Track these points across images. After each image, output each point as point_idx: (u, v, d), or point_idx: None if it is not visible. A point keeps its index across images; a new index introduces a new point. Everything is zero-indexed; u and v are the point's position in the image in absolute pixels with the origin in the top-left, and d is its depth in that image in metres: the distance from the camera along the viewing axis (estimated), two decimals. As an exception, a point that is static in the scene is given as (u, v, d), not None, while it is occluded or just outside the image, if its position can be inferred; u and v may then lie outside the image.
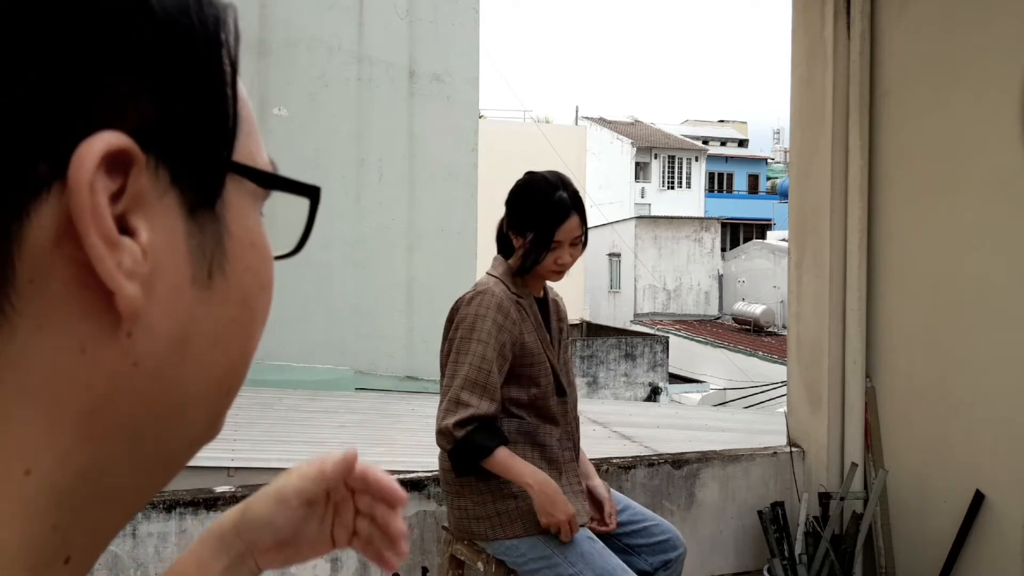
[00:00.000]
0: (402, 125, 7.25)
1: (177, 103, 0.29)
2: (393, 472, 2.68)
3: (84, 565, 0.31)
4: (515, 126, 22.82)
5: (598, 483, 2.12)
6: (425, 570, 2.53)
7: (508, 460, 1.96)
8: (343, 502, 0.68)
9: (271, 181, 0.35)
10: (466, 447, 1.94)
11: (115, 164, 0.27)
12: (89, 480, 0.30)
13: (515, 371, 1.99)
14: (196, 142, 0.30)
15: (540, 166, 2.14)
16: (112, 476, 0.31)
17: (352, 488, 0.68)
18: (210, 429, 0.35)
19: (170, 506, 2.33)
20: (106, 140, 0.27)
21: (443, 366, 2.00)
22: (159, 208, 0.29)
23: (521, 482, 1.91)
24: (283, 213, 0.49)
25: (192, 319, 0.31)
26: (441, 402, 1.96)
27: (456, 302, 2.02)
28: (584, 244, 2.04)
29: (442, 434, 1.94)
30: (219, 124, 0.32)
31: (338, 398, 5.75)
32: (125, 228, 0.28)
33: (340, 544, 0.68)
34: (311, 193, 0.36)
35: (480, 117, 9.97)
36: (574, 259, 2.02)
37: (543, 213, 1.97)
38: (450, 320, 2.03)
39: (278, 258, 0.37)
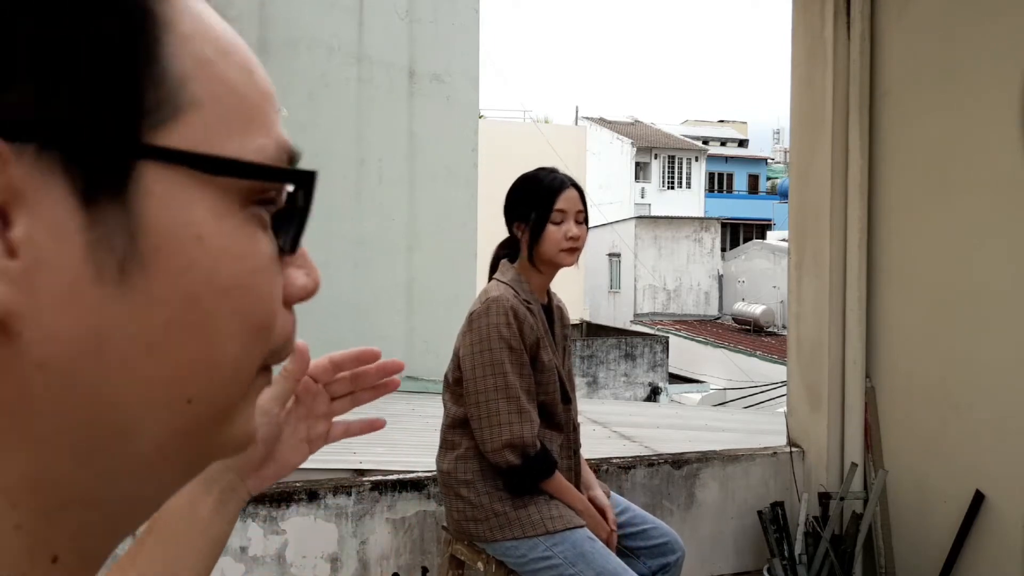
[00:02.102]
0: (402, 125, 7.24)
1: (60, 84, 0.27)
2: (393, 472, 2.69)
3: (81, 566, 0.31)
4: (515, 126, 22.82)
5: (599, 493, 2.12)
6: (425, 570, 2.53)
7: (564, 481, 2.00)
8: (315, 399, 0.69)
9: (227, 168, 0.30)
10: (540, 463, 1.93)
11: None
12: (44, 485, 0.29)
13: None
14: (90, 126, 0.27)
15: (540, 166, 2.15)
16: (74, 484, 0.30)
17: (320, 381, 0.69)
18: (200, 441, 0.33)
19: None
20: None
21: (466, 380, 1.97)
22: (44, 199, 0.27)
23: (573, 504, 1.98)
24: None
25: (104, 320, 0.28)
26: (494, 414, 1.91)
27: (470, 315, 2.01)
28: (586, 225, 2.05)
29: (512, 447, 1.90)
30: (125, 104, 0.28)
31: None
32: (6, 221, 0.26)
33: (316, 446, 0.69)
34: (298, 179, 0.33)
35: (480, 117, 9.97)
36: (582, 235, 2.02)
37: (542, 188, 2.01)
38: (467, 333, 1.99)
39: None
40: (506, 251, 2.10)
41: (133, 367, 0.29)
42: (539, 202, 1.99)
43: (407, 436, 4.28)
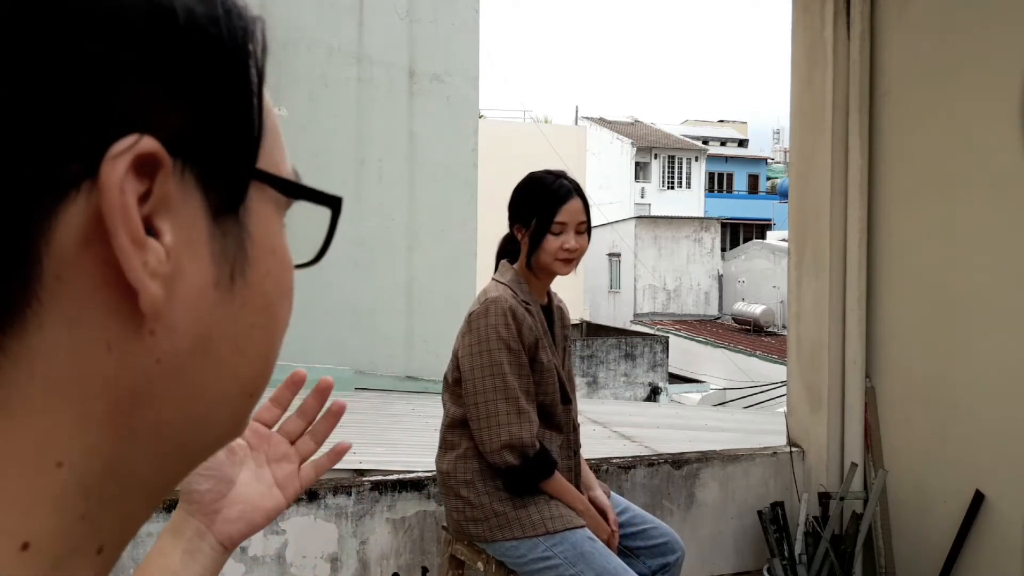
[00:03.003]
0: (402, 125, 7.24)
1: (204, 111, 0.31)
2: (393, 472, 2.69)
3: (114, 555, 0.33)
4: (515, 126, 22.82)
5: (599, 494, 2.12)
6: (425, 570, 2.53)
7: (564, 482, 1.99)
8: (269, 442, 0.71)
9: (294, 190, 0.36)
10: (539, 463, 1.94)
11: (143, 167, 0.28)
12: (116, 474, 0.31)
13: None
14: (222, 149, 0.32)
15: (540, 166, 2.15)
16: (138, 471, 0.32)
17: (268, 423, 0.72)
18: (234, 429, 0.37)
19: (170, 506, 2.33)
20: (137, 143, 0.28)
21: (465, 381, 1.97)
22: (183, 211, 0.30)
23: (573, 505, 1.98)
24: (300, 222, 0.49)
25: (214, 321, 0.32)
26: (493, 415, 1.91)
27: (468, 315, 2.01)
28: (588, 236, 2.04)
29: (511, 448, 1.90)
30: (245, 132, 0.33)
31: (338, 398, 5.73)
32: (150, 229, 0.29)
33: (290, 491, 0.71)
34: (333, 203, 0.37)
35: (480, 117, 9.96)
36: (581, 247, 2.01)
37: (545, 195, 1.99)
38: (466, 334, 1.99)
39: (298, 267, 0.38)
40: (511, 244, 2.10)
41: (225, 364, 0.33)
42: (541, 211, 1.98)
43: (407, 436, 4.28)
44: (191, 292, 0.31)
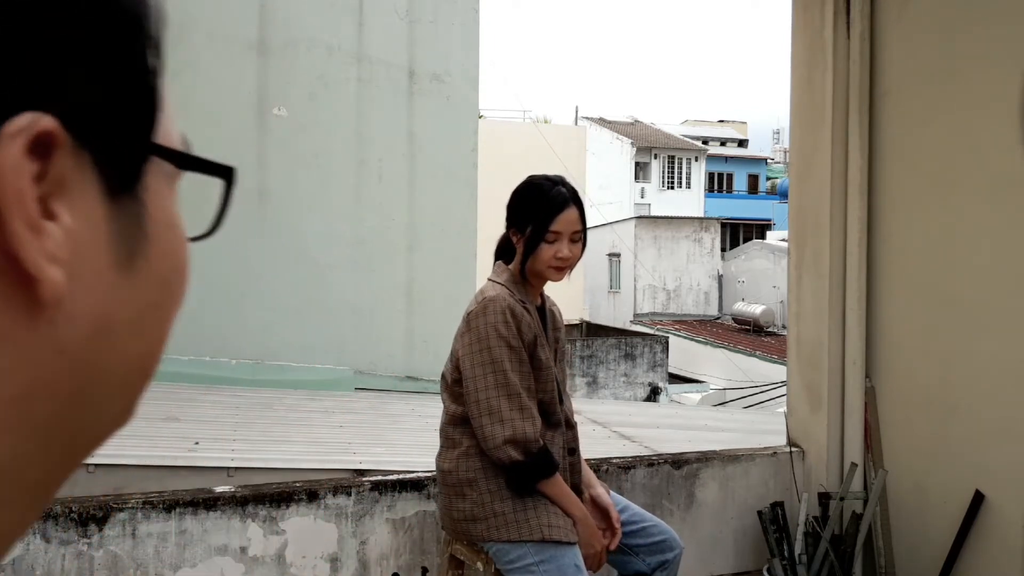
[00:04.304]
0: (402, 125, 7.23)
1: (99, 86, 0.29)
2: (393, 472, 2.69)
3: None
4: (515, 126, 22.82)
5: (601, 491, 2.13)
6: (425, 570, 2.53)
7: (563, 486, 1.99)
8: None
9: (188, 162, 0.34)
10: (542, 461, 1.93)
11: (38, 146, 0.26)
12: (6, 477, 0.28)
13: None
14: (119, 126, 0.30)
15: (539, 166, 2.16)
16: (29, 471, 0.29)
17: None
18: (127, 414, 0.34)
19: (170, 506, 2.33)
20: (33, 122, 0.26)
21: (466, 379, 1.97)
22: (80, 191, 0.28)
23: (570, 510, 1.96)
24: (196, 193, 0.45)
25: (114, 305, 0.30)
26: (495, 411, 1.91)
27: (467, 315, 2.01)
28: (584, 244, 2.04)
29: (515, 443, 1.90)
30: (142, 108, 0.31)
31: (338, 398, 5.74)
32: (46, 212, 0.27)
33: None
34: (225, 173, 0.35)
35: (480, 117, 9.96)
36: (574, 256, 2.01)
37: (541, 203, 1.99)
38: (465, 333, 2.00)
39: (193, 239, 0.36)
40: (510, 244, 2.11)
41: (124, 348, 0.31)
42: (536, 218, 1.99)
43: (407, 436, 4.28)
44: (90, 276, 0.29)
